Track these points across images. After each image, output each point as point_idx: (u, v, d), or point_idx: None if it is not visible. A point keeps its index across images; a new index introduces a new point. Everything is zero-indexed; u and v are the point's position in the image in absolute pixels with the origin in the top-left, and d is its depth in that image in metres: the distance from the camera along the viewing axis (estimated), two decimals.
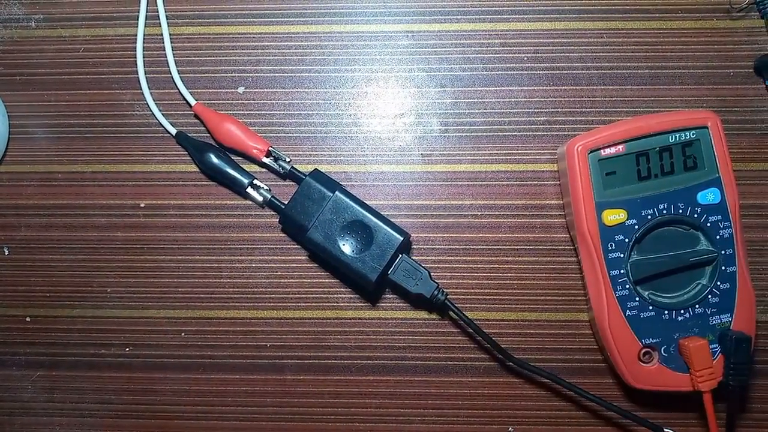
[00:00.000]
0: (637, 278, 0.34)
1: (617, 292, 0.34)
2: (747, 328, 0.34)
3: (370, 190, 0.39)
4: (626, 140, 0.34)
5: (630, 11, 0.39)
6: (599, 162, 0.34)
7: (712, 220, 0.34)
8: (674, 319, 0.34)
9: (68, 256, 0.39)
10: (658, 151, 0.34)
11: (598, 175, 0.34)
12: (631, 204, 0.34)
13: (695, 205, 0.34)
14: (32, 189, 0.40)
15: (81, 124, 0.40)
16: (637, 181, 0.34)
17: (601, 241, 0.34)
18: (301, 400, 0.38)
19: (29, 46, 0.40)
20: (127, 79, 0.40)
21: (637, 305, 0.34)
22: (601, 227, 0.34)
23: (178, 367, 0.39)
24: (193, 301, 0.39)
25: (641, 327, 0.34)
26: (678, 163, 0.34)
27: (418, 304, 0.38)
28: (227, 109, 0.39)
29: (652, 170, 0.34)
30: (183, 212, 0.39)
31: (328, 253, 0.36)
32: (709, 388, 0.33)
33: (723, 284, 0.34)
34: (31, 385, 0.39)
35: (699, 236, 0.34)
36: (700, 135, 0.34)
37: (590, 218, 0.34)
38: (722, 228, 0.34)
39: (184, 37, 0.40)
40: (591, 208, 0.34)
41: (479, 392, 0.38)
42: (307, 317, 0.39)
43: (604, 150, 0.34)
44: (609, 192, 0.34)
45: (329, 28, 0.39)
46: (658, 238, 0.34)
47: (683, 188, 0.34)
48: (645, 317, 0.34)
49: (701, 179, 0.34)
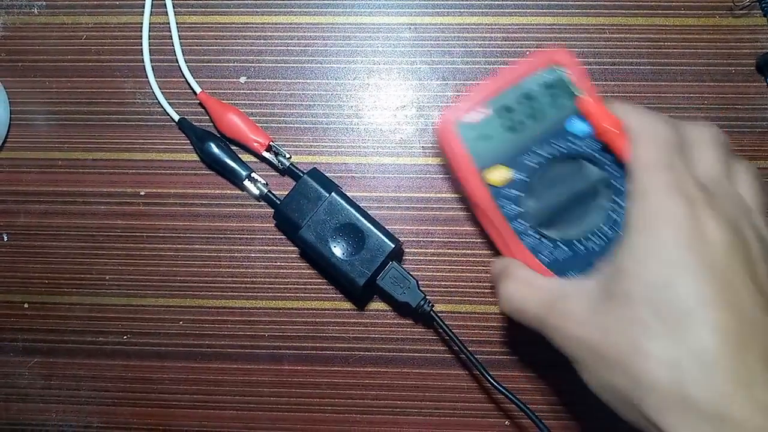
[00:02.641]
0: (540, 223, 0.34)
1: (524, 240, 0.34)
2: None
3: (371, 182, 0.39)
4: (486, 100, 0.34)
5: (633, 7, 0.39)
6: (467, 129, 0.34)
7: (592, 146, 0.34)
8: (589, 249, 0.34)
9: (67, 243, 0.39)
10: (520, 101, 0.34)
11: (471, 142, 0.34)
12: (510, 159, 0.34)
13: (571, 137, 0.34)
14: (32, 175, 0.40)
15: (82, 111, 0.40)
16: (510, 135, 0.34)
17: (496, 203, 0.34)
18: (298, 390, 0.38)
19: (31, 32, 0.40)
20: (129, 67, 0.40)
21: (548, 248, 0.34)
22: (491, 190, 0.34)
23: (176, 356, 0.39)
24: (192, 290, 0.39)
25: (558, 266, 0.34)
26: (542, 105, 0.34)
27: (404, 312, 0.38)
28: (229, 99, 0.39)
29: (520, 120, 0.34)
30: (183, 201, 0.39)
31: (319, 254, 0.36)
32: None
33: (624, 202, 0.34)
34: (28, 371, 0.39)
35: (586, 165, 0.34)
36: (554, 72, 0.34)
37: (478, 186, 0.34)
38: (604, 151, 0.33)
39: (187, 26, 0.40)
40: (475, 176, 0.34)
41: (476, 385, 0.38)
42: (305, 308, 0.39)
43: (468, 116, 0.34)
44: (487, 154, 0.34)
45: (332, 19, 0.39)
46: (548, 181, 0.34)
47: (555, 126, 0.34)
48: (559, 256, 0.34)
49: (567, 111, 0.34)
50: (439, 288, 0.38)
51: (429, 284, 0.38)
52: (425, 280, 0.38)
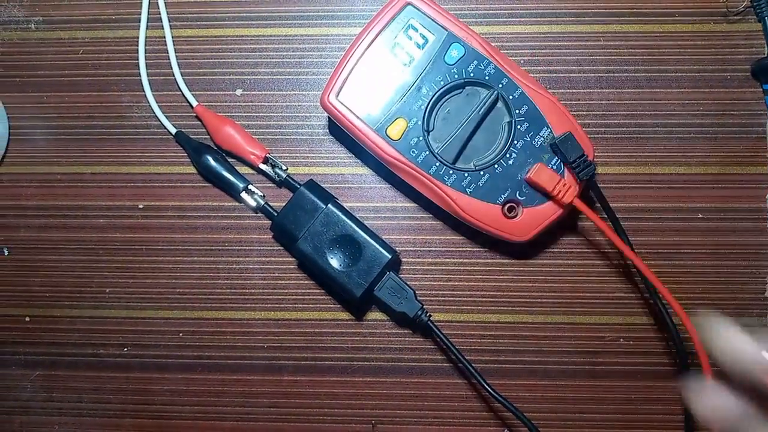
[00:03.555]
0: (453, 159, 0.35)
1: (447, 181, 0.35)
2: (567, 127, 0.35)
3: (367, 192, 0.39)
4: (357, 64, 0.35)
5: (627, 14, 0.39)
6: (352, 97, 0.35)
7: (471, 69, 0.35)
8: (507, 166, 0.35)
9: (67, 257, 0.40)
10: (389, 51, 0.35)
11: (359, 107, 0.35)
12: (401, 109, 0.35)
13: (449, 68, 0.34)
14: (32, 190, 0.40)
15: (80, 125, 0.40)
16: (392, 87, 0.35)
17: (403, 155, 0.35)
18: (297, 401, 0.39)
19: (29, 48, 0.40)
20: (125, 81, 0.40)
21: (470, 179, 0.35)
22: (394, 144, 0.35)
23: (176, 367, 0.39)
24: (191, 302, 0.39)
25: (488, 192, 0.35)
26: (411, 49, 0.35)
27: (402, 322, 0.38)
28: (225, 112, 0.39)
29: (396, 70, 0.35)
30: (181, 214, 0.39)
31: (316, 265, 0.36)
32: (571, 196, 0.34)
33: (521, 108, 0.35)
34: (30, 384, 0.40)
35: (474, 89, 0.35)
36: (409, 14, 0.35)
37: (382, 145, 0.35)
38: (484, 69, 0.35)
39: (183, 39, 0.40)
40: (376, 137, 0.35)
41: (474, 394, 0.38)
42: (303, 318, 0.39)
43: (347, 85, 0.35)
44: (378, 113, 0.35)
45: (326, 30, 0.40)
46: (445, 117, 0.35)
47: (430, 64, 0.34)
48: (484, 183, 0.35)
49: (438, 45, 0.34)
50: (437, 297, 0.38)
51: (426, 293, 0.38)
52: (422, 289, 0.38)
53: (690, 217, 0.38)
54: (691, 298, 0.38)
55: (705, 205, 0.38)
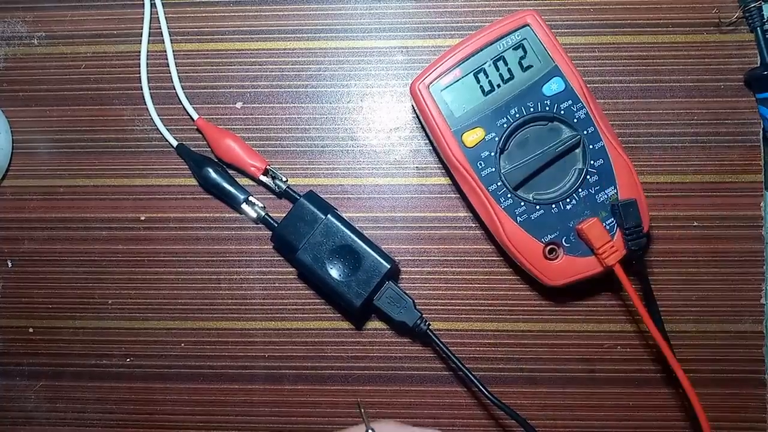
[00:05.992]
0: (515, 184, 0.35)
1: (502, 203, 0.35)
2: (633, 193, 0.35)
3: (366, 202, 0.39)
4: (458, 63, 0.35)
5: (621, 26, 0.39)
6: (442, 92, 0.35)
7: (563, 107, 0.35)
8: (564, 210, 0.35)
9: (70, 269, 0.40)
10: (493, 63, 0.35)
11: (445, 104, 0.35)
12: (484, 120, 0.35)
13: (543, 98, 0.35)
14: (35, 203, 0.40)
15: (82, 139, 0.40)
16: (483, 96, 0.35)
17: (470, 164, 0.35)
18: (298, 410, 0.39)
19: (32, 63, 0.41)
20: (127, 95, 0.40)
21: (525, 209, 0.35)
22: (465, 151, 0.35)
23: (178, 378, 0.39)
24: (193, 313, 0.40)
25: (536, 227, 0.35)
26: (514, 67, 0.35)
27: (401, 331, 0.39)
28: (226, 124, 0.40)
29: (493, 82, 0.35)
30: (182, 225, 0.40)
31: (316, 275, 0.36)
32: (615, 260, 0.34)
33: (596, 161, 0.35)
34: (33, 395, 0.40)
35: (558, 126, 0.35)
36: (524, 34, 0.35)
37: (453, 147, 0.35)
38: (576, 111, 0.35)
39: (184, 53, 0.40)
40: (450, 137, 0.35)
41: (474, 401, 0.39)
42: (303, 328, 0.39)
43: (442, 79, 0.35)
44: (461, 116, 0.35)
45: (325, 44, 0.40)
46: (522, 142, 0.35)
47: (527, 88, 0.35)
48: (536, 218, 0.35)
49: (541, 73, 0.35)
50: (436, 306, 0.39)
51: (425, 302, 0.39)
52: (421, 298, 0.39)
53: (685, 225, 0.39)
54: (688, 305, 0.38)
55: (700, 213, 0.39)
